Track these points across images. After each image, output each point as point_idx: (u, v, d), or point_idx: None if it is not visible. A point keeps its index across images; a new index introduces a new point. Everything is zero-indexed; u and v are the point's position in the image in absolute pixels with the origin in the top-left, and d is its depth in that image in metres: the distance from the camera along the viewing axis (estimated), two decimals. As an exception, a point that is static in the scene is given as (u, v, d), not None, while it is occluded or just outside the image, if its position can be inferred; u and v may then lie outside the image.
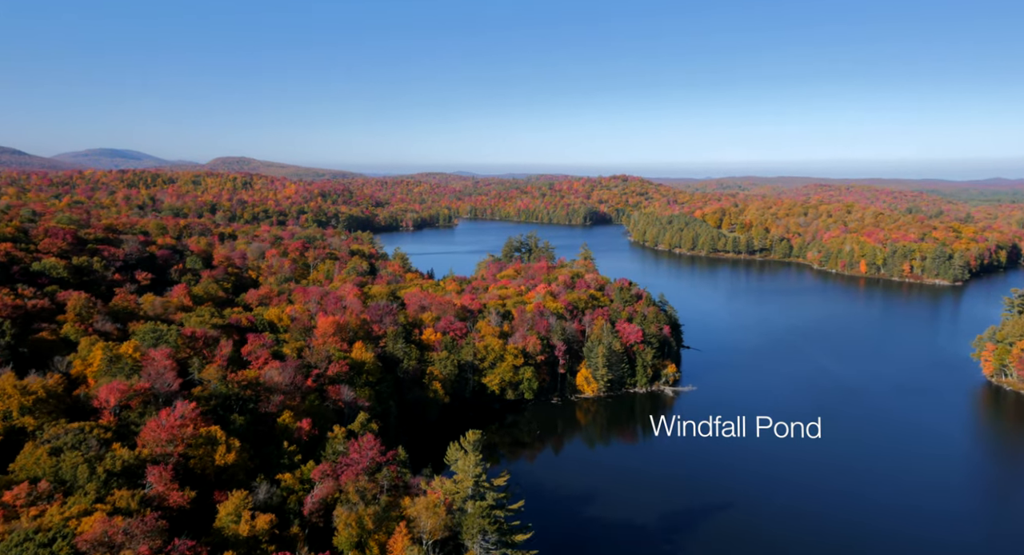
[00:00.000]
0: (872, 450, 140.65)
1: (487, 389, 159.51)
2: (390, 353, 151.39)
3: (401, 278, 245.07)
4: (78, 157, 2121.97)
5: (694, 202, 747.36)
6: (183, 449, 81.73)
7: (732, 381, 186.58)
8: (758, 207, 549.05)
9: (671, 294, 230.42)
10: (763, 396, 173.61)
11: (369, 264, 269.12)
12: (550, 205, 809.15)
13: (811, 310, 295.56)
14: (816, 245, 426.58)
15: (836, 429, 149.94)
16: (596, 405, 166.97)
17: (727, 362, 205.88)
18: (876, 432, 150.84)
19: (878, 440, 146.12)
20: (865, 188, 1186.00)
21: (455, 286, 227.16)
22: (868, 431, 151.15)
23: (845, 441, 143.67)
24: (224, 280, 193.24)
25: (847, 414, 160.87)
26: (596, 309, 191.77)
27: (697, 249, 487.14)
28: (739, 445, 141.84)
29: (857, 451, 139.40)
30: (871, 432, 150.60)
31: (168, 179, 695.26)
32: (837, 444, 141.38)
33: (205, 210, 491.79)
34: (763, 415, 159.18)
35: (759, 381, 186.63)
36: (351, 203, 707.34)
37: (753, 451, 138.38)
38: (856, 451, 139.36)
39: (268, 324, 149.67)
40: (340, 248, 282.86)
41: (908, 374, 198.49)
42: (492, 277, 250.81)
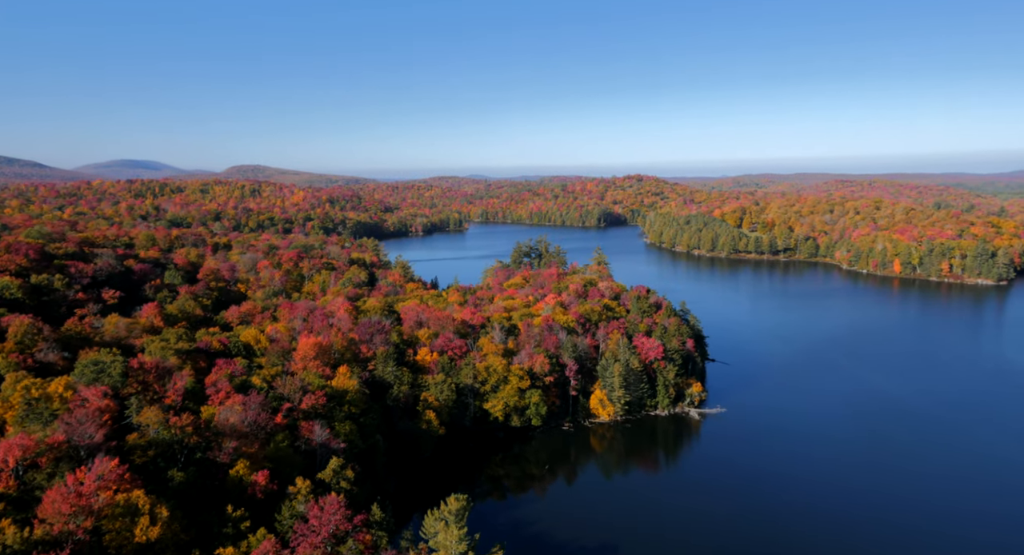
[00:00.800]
0: (936, 484, 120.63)
1: (489, 415, 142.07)
2: (379, 377, 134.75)
3: (401, 289, 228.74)
4: (99, 169, 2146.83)
5: (711, 201, 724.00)
6: (94, 523, 65.39)
7: (765, 401, 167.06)
8: (780, 205, 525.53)
9: (692, 300, 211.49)
10: (802, 419, 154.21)
11: (369, 273, 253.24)
12: (563, 207, 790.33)
13: (845, 315, 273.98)
14: (845, 244, 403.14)
15: (888, 458, 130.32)
16: (612, 431, 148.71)
17: (758, 378, 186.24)
18: (937, 461, 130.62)
19: (941, 471, 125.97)
20: (888, 183, 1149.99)
21: (458, 297, 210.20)
22: (927, 460, 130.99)
23: (900, 472, 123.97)
24: (205, 296, 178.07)
25: (900, 440, 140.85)
26: (611, 322, 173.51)
27: (717, 250, 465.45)
28: (777, 477, 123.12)
29: (917, 486, 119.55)
30: (931, 460, 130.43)
31: (176, 188, 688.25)
32: (891, 476, 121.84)
33: (209, 219, 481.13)
34: (803, 442, 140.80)
35: (796, 400, 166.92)
36: (359, 209, 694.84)
37: (794, 484, 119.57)
38: (916, 486, 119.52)
39: (243, 347, 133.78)
40: (339, 257, 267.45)
41: (962, 388, 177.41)
42: (499, 286, 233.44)
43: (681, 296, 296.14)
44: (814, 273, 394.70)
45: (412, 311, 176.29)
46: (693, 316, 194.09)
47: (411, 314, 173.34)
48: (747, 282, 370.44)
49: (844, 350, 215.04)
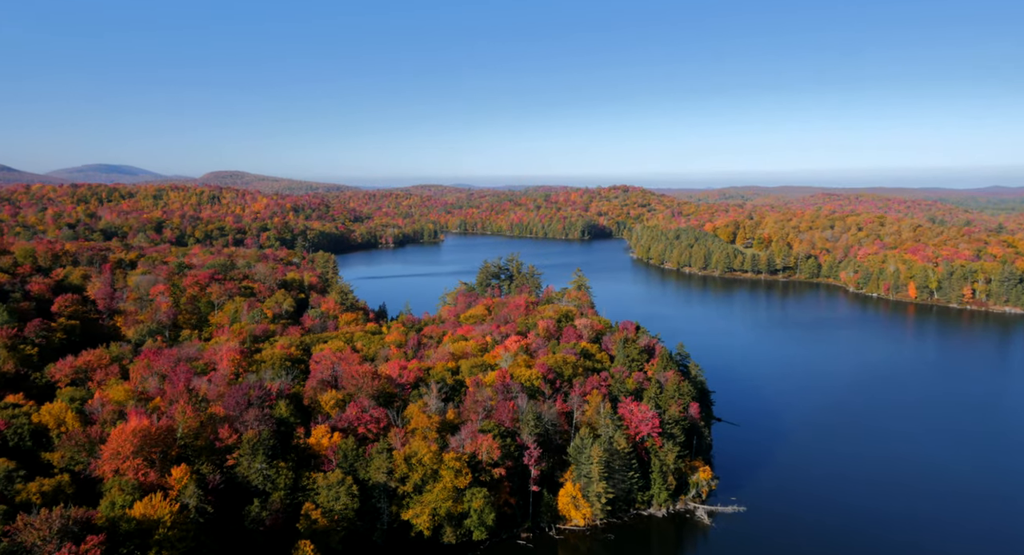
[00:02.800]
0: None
1: (412, 528, 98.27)
2: (243, 478, 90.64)
3: (332, 321, 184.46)
4: (73, 173, 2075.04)
5: (700, 214, 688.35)
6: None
7: (793, 483, 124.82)
8: (776, 219, 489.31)
9: (686, 331, 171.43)
10: (845, 510, 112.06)
11: (298, 301, 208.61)
12: (545, 218, 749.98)
13: (864, 350, 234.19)
14: (850, 264, 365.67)
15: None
16: (590, 541, 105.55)
17: (777, 444, 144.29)
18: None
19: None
20: (874, 197, 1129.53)
21: (399, 335, 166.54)
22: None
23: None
24: (42, 335, 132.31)
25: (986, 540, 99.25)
26: (589, 377, 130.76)
27: (710, 268, 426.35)
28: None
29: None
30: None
31: (127, 193, 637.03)
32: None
33: (149, 228, 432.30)
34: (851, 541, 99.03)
35: (833, 480, 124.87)
36: (326, 219, 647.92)
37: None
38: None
39: (30, 434, 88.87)
40: (266, 278, 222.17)
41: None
42: (454, 319, 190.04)
43: (673, 323, 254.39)
44: (817, 296, 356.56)
45: (326, 361, 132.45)
46: (695, 364, 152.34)
47: (323, 365, 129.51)
48: (745, 306, 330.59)
49: (873, 399, 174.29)
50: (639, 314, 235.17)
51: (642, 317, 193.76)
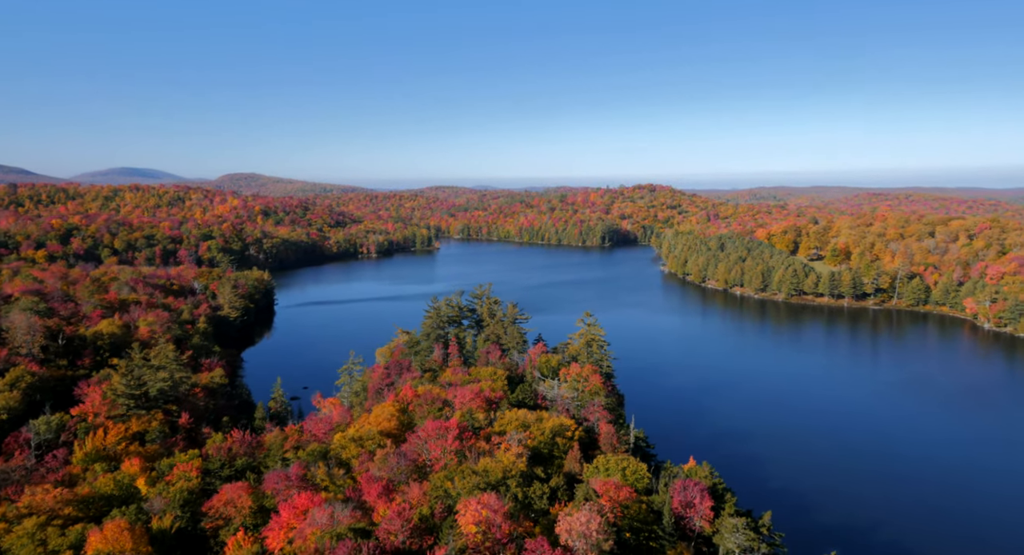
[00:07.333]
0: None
1: None
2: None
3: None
4: (96, 176, 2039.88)
5: (742, 216, 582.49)
6: None
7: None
8: (851, 224, 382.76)
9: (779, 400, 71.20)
10: None
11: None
12: (559, 222, 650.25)
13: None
14: (984, 290, 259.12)
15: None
16: None
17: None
18: None
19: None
20: (928, 197, 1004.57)
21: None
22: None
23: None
24: None
25: None
26: None
27: (771, 289, 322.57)
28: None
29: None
30: None
31: (74, 194, 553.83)
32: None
33: (52, 237, 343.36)
34: None
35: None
36: (301, 223, 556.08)
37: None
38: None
39: None
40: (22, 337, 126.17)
41: None
42: (330, 429, 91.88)
43: (736, 378, 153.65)
44: (929, 332, 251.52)
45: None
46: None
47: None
48: (840, 354, 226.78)
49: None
50: (685, 362, 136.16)
51: (699, 388, 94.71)
